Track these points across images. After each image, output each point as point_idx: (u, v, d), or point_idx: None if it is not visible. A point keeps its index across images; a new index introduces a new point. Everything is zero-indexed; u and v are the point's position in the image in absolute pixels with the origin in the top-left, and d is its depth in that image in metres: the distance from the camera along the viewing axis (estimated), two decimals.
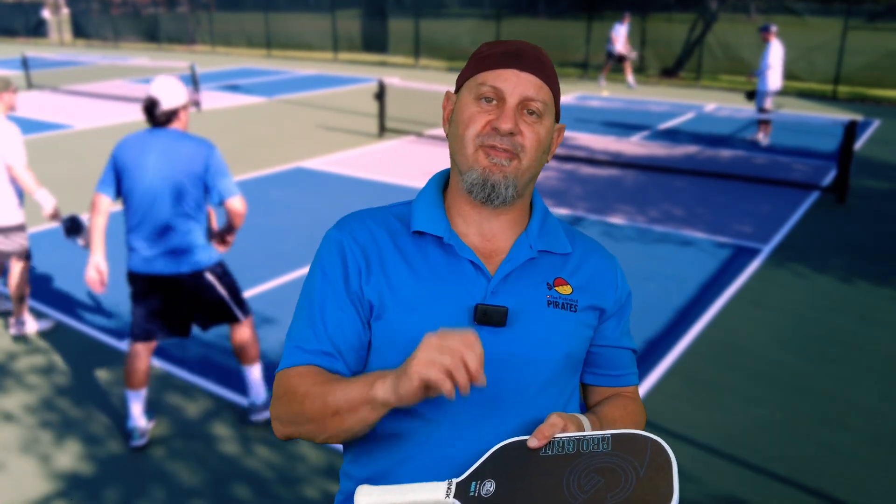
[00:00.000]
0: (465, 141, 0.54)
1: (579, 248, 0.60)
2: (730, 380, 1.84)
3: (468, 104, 0.54)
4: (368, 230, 0.56)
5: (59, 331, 2.09)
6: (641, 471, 0.44)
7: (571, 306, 0.56)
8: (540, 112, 0.54)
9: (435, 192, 0.58)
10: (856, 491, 1.42)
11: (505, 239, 0.57)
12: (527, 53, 0.54)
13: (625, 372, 0.62)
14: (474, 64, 0.55)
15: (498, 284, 0.54)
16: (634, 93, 7.06)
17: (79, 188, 3.67)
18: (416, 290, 0.54)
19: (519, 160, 0.54)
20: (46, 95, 6.92)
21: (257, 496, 1.41)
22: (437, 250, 0.55)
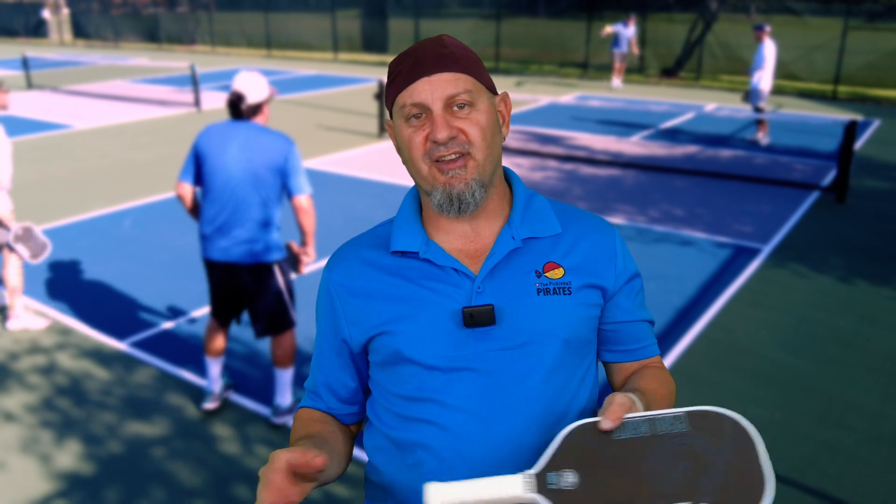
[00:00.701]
0: (416, 164, 0.54)
1: (573, 226, 0.58)
2: (730, 380, 1.84)
3: (402, 128, 0.54)
4: (352, 266, 0.58)
5: (60, 330, 2.09)
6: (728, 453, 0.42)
7: (565, 289, 0.55)
8: (469, 102, 0.53)
9: (411, 206, 0.59)
10: (856, 491, 1.42)
11: (489, 235, 0.56)
12: (429, 56, 0.53)
13: (644, 344, 0.60)
14: (390, 88, 0.55)
15: (482, 283, 0.54)
16: (634, 93, 7.05)
17: (79, 188, 3.67)
18: (402, 304, 0.55)
19: (472, 157, 0.53)
20: (46, 95, 6.91)
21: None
22: (419, 265, 0.56)
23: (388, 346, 0.55)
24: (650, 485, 0.42)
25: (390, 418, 0.56)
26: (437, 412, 0.54)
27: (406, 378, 0.55)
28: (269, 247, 1.50)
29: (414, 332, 0.54)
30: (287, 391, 1.60)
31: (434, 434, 0.54)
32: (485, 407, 0.53)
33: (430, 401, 0.54)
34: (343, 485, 1.45)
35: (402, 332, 0.54)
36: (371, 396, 0.60)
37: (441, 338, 0.53)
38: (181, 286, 2.41)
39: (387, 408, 0.57)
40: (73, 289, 2.40)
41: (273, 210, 1.49)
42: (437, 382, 0.53)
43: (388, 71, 0.56)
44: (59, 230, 3.02)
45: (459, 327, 0.53)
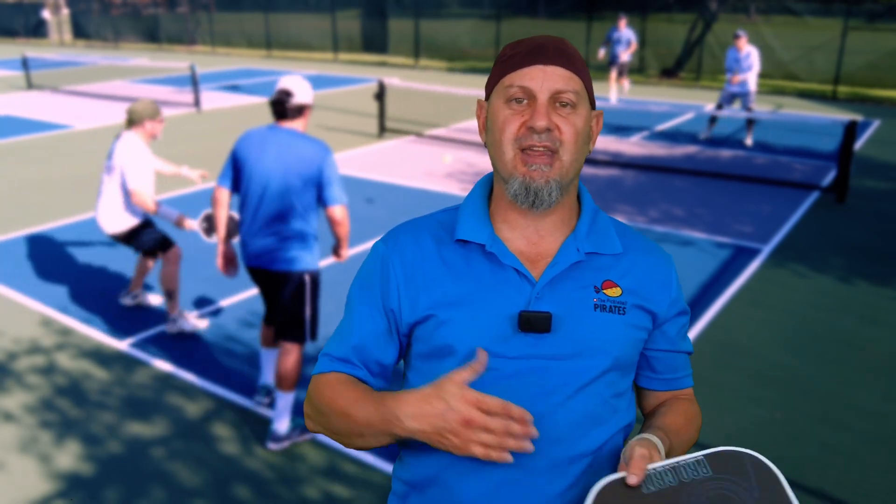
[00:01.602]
0: (502, 146, 0.53)
1: (632, 248, 0.58)
2: (730, 379, 1.84)
3: (499, 109, 0.53)
4: (413, 244, 0.56)
5: (60, 331, 2.09)
6: (755, 492, 0.43)
7: (620, 309, 0.55)
8: (573, 102, 0.53)
9: (480, 197, 0.58)
10: (856, 491, 1.42)
11: (552, 241, 0.56)
12: (549, 47, 0.53)
13: (679, 375, 0.61)
14: (499, 68, 0.54)
15: (542, 289, 0.54)
16: (634, 93, 7.05)
17: (79, 188, 3.66)
18: (459, 298, 0.54)
19: (559, 158, 0.53)
20: (46, 96, 6.91)
21: (257, 496, 1.41)
22: (481, 258, 0.55)
23: (437, 335, 0.54)
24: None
25: None
26: None
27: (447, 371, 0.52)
28: (300, 257, 1.48)
29: (468, 327, 0.53)
30: (285, 417, 1.51)
31: None
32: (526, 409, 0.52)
33: None
34: (343, 484, 1.44)
35: (456, 323, 0.53)
36: (407, 385, 0.59)
37: (494, 337, 0.53)
38: (182, 286, 2.39)
39: None
40: (74, 289, 2.40)
41: (306, 218, 1.47)
42: (483, 381, 0.53)
43: (499, 55, 0.55)
44: (60, 230, 3.02)
45: (514, 330, 0.53)
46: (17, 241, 2.88)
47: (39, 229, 3.02)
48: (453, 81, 7.74)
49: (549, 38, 0.54)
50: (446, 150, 4.49)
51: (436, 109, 5.92)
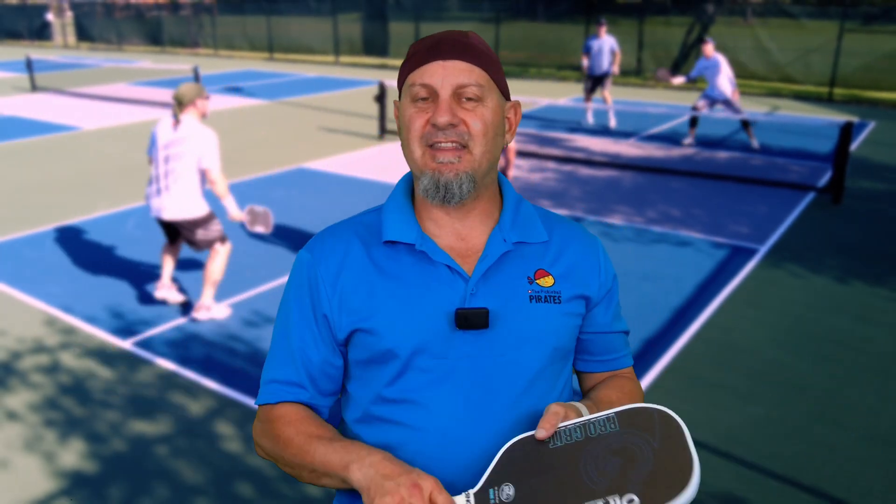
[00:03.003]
0: (410, 145, 0.52)
1: (557, 234, 0.57)
2: (726, 378, 1.85)
3: (406, 108, 0.53)
4: (338, 248, 0.55)
5: (64, 330, 2.11)
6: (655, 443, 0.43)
7: (555, 298, 0.54)
8: (478, 96, 0.51)
9: (403, 196, 0.57)
10: (852, 489, 1.43)
11: (479, 235, 0.55)
12: (449, 42, 0.52)
13: (617, 355, 0.61)
14: (404, 67, 0.54)
15: (476, 285, 0.53)
16: (632, 95, 7.08)
17: (83, 189, 3.68)
18: (393, 301, 0.53)
19: (469, 151, 0.51)
20: (51, 97, 6.93)
21: (260, 494, 1.42)
22: (411, 257, 0.54)
23: (374, 343, 0.53)
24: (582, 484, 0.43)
25: (366, 420, 0.54)
26: (417, 415, 0.52)
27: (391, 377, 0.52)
28: None
29: (404, 330, 0.52)
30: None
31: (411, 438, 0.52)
32: (467, 411, 0.52)
33: (412, 402, 0.52)
34: None
35: (392, 329, 0.52)
36: (346, 396, 0.57)
37: (432, 338, 0.52)
38: (184, 286, 2.43)
39: (363, 408, 0.54)
40: (77, 288, 2.41)
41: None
42: (423, 384, 0.52)
43: (407, 52, 0.55)
44: (63, 230, 3.03)
45: (451, 328, 0.52)
46: (22, 240, 2.90)
47: (44, 229, 3.03)
48: None
49: (449, 33, 0.53)
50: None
51: None
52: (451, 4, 11.02)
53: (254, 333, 2.10)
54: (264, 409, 0.56)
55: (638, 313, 2.20)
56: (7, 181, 3.87)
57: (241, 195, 3.57)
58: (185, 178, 1.96)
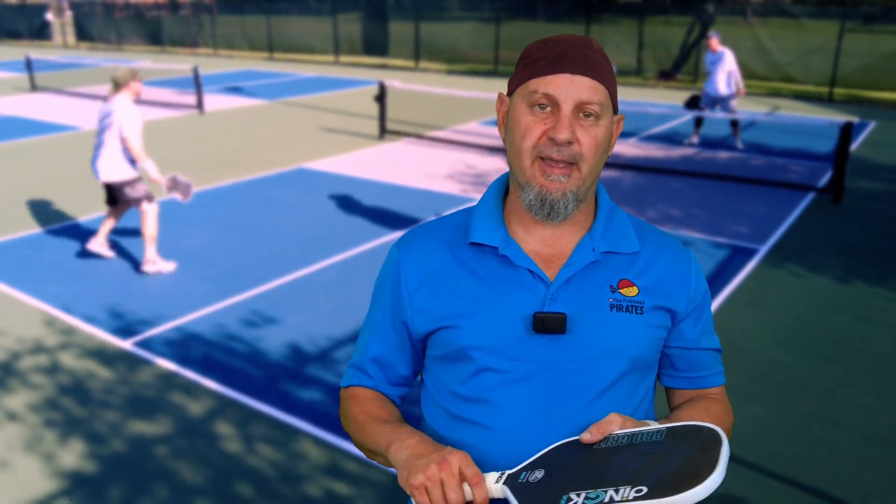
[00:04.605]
0: (521, 153, 0.52)
1: (649, 245, 0.57)
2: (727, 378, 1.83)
3: (522, 112, 0.52)
4: (427, 248, 0.57)
5: (63, 330, 2.11)
6: (689, 451, 0.44)
7: (637, 308, 0.54)
8: (597, 113, 0.52)
9: (494, 199, 0.57)
10: (852, 489, 1.43)
11: (568, 242, 0.55)
12: (576, 54, 0.51)
13: (706, 373, 0.59)
14: (524, 69, 0.53)
15: (557, 290, 0.53)
16: (632, 95, 7.09)
17: (84, 189, 3.67)
18: (473, 302, 0.54)
19: (578, 170, 0.52)
20: (51, 97, 6.93)
21: (260, 494, 1.42)
22: (495, 261, 0.55)
23: (452, 341, 0.54)
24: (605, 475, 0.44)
25: (442, 416, 0.56)
26: (490, 414, 0.53)
27: (466, 376, 0.53)
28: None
29: (481, 331, 0.53)
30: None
31: (483, 437, 0.53)
32: (540, 415, 0.52)
33: (486, 402, 0.53)
34: (344, 482, 1.46)
35: (470, 329, 0.53)
36: (425, 390, 0.59)
37: (508, 340, 0.52)
38: (185, 286, 2.43)
39: (440, 404, 0.56)
40: (77, 288, 2.41)
41: None
42: (497, 384, 0.53)
43: (524, 53, 0.54)
44: (63, 230, 3.03)
45: (528, 332, 0.52)
46: (22, 241, 2.90)
47: (44, 229, 3.03)
48: (453, 83, 7.74)
49: (577, 44, 0.52)
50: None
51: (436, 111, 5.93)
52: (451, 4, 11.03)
53: (253, 333, 2.10)
54: (344, 389, 0.61)
55: None
56: (7, 181, 3.87)
57: (241, 195, 3.56)
58: (111, 145, 2.35)
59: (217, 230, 3.01)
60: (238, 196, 3.51)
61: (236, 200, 3.48)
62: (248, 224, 3.11)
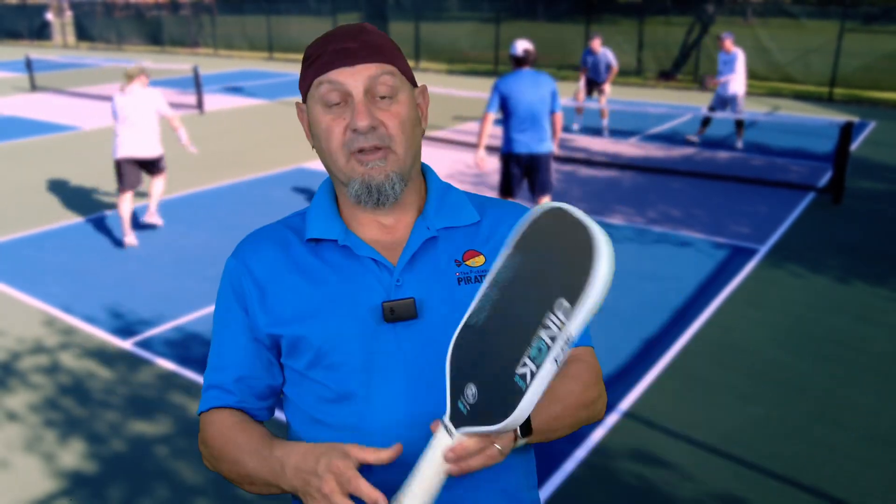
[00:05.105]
0: (333, 154, 0.51)
1: (491, 213, 0.55)
2: (726, 378, 1.85)
3: (319, 114, 0.51)
4: (261, 252, 0.54)
5: (63, 330, 2.11)
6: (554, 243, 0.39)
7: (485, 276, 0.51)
8: (391, 93, 0.50)
9: (327, 197, 0.55)
10: (852, 489, 1.43)
11: (405, 226, 0.54)
12: (351, 43, 0.50)
13: None
14: (307, 72, 0.51)
15: (401, 275, 0.51)
16: (632, 95, 7.07)
17: (84, 189, 3.68)
18: (316, 297, 0.51)
19: (393, 151, 0.50)
20: (51, 97, 6.93)
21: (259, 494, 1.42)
22: (336, 254, 0.52)
23: (304, 344, 0.51)
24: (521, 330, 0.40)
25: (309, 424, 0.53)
26: (358, 414, 0.50)
27: (326, 378, 0.51)
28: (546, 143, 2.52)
29: (332, 329, 0.50)
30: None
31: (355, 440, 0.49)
32: (408, 405, 0.50)
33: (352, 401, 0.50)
34: None
35: (320, 329, 0.50)
36: (287, 400, 0.55)
37: (361, 333, 0.50)
38: (185, 286, 2.43)
39: (305, 412, 0.53)
40: (77, 288, 2.41)
41: (548, 121, 2.50)
42: (360, 382, 0.50)
43: (304, 55, 0.52)
44: (64, 230, 3.03)
45: (379, 322, 0.50)
46: (22, 241, 2.90)
47: (44, 229, 3.03)
48: (453, 83, 7.73)
49: (350, 32, 0.51)
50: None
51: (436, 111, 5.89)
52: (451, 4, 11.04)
53: None
54: (201, 419, 0.55)
55: (638, 313, 2.19)
56: (7, 181, 3.88)
57: (240, 195, 3.56)
58: (149, 127, 2.77)
59: (217, 230, 3.02)
60: (238, 196, 3.51)
61: (236, 200, 3.48)
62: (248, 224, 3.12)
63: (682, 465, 1.50)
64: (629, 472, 1.48)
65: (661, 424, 1.64)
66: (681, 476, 1.46)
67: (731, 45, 4.38)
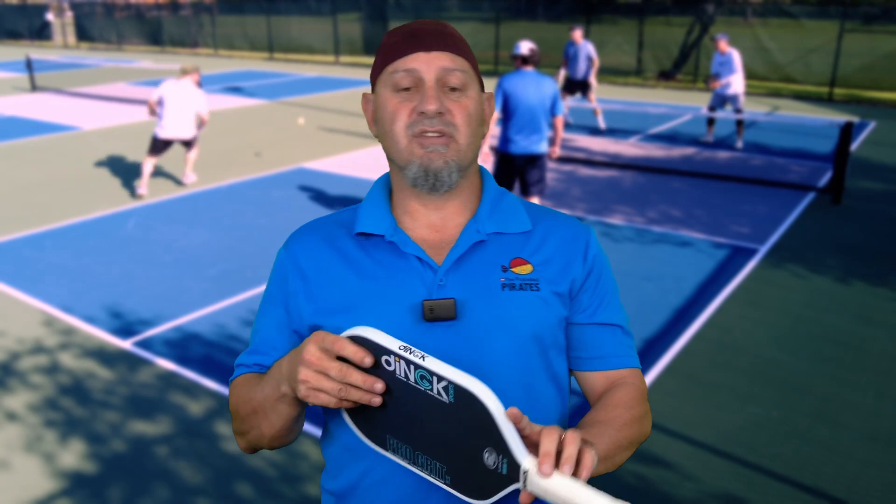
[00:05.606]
0: (395, 136, 0.51)
1: (543, 223, 0.55)
2: (726, 378, 1.85)
3: (388, 98, 0.51)
4: (311, 245, 0.55)
5: (63, 330, 2.11)
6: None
7: (532, 286, 0.52)
8: (461, 85, 0.51)
9: (380, 192, 0.56)
10: (852, 489, 1.44)
11: (455, 227, 0.54)
12: (428, 32, 0.51)
13: (605, 353, 0.54)
14: (381, 57, 0.52)
15: (445, 275, 0.51)
16: (632, 95, 7.09)
17: (84, 189, 3.67)
18: (358, 291, 0.52)
19: (455, 140, 0.51)
20: (51, 97, 6.93)
21: (260, 494, 1.42)
22: (382, 250, 0.53)
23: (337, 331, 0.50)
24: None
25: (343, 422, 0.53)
26: None
27: None
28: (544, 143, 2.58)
29: (368, 324, 0.50)
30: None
31: None
32: None
33: None
34: None
35: (356, 323, 0.50)
36: None
37: (399, 330, 0.50)
38: (184, 286, 2.43)
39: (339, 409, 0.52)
40: (77, 288, 2.41)
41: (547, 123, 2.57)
42: None
43: (380, 44, 0.54)
44: (64, 230, 3.03)
45: (418, 321, 0.50)
46: (21, 240, 2.89)
47: (43, 229, 3.03)
48: None
49: (427, 23, 0.52)
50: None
51: None
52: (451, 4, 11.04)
53: None
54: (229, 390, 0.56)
55: (638, 313, 2.20)
56: (7, 181, 3.87)
57: (240, 195, 3.55)
58: (188, 111, 3.53)
59: (217, 230, 3.01)
60: (238, 196, 3.50)
61: (236, 200, 3.47)
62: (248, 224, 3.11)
63: (682, 464, 1.50)
64: (629, 472, 1.47)
65: (660, 424, 1.64)
66: (681, 476, 1.46)
67: (725, 46, 4.37)
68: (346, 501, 0.55)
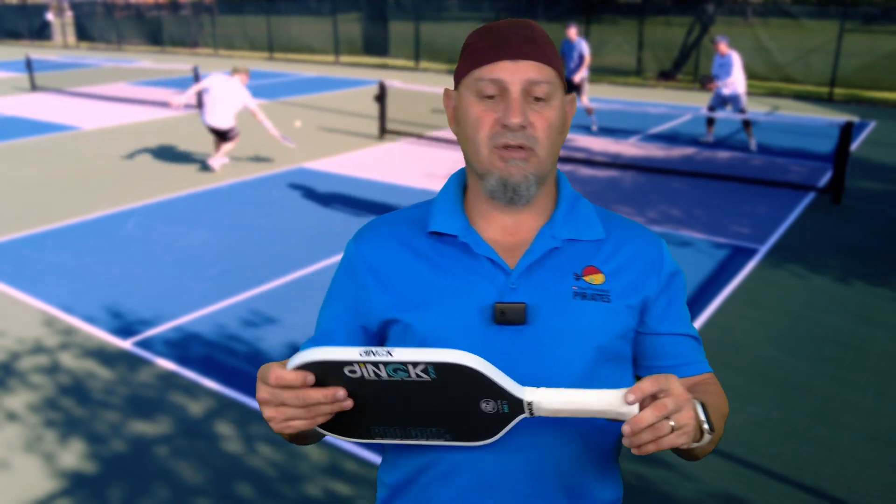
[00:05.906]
0: (477, 144, 0.51)
1: (616, 232, 0.55)
2: (726, 378, 1.85)
3: (471, 104, 0.51)
4: (382, 240, 0.55)
5: (63, 330, 2.11)
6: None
7: (603, 296, 0.51)
8: (546, 96, 0.50)
9: (454, 190, 0.56)
10: (852, 489, 1.44)
11: (528, 231, 0.54)
12: (517, 38, 0.50)
13: (684, 361, 0.54)
14: (467, 60, 0.52)
15: (517, 279, 0.51)
16: (632, 95, 7.09)
17: (83, 189, 3.67)
18: (429, 290, 0.52)
19: (535, 153, 0.51)
20: (51, 97, 6.94)
21: (260, 494, 1.42)
22: (455, 250, 0.53)
23: (409, 333, 0.52)
24: None
25: None
26: None
27: None
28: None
29: (440, 322, 0.50)
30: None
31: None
32: None
33: None
34: (344, 482, 1.46)
35: (428, 320, 0.51)
36: None
37: (466, 333, 0.50)
38: (184, 286, 2.43)
39: None
40: (77, 288, 2.41)
41: None
42: None
43: (465, 42, 0.52)
44: (64, 230, 3.03)
45: (488, 323, 0.50)
46: (21, 240, 2.90)
47: (43, 229, 3.03)
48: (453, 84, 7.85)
49: (516, 27, 0.51)
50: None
51: (436, 111, 5.93)
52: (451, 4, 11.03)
53: (254, 333, 2.09)
54: None
55: None
56: (7, 181, 3.87)
57: (240, 195, 3.56)
58: (229, 105, 3.83)
59: (217, 230, 3.02)
60: (238, 196, 3.50)
61: (236, 200, 3.47)
62: (248, 224, 3.11)
63: (682, 464, 1.50)
64: (629, 472, 1.47)
65: None
66: (681, 476, 1.46)
67: (725, 48, 4.37)
68: (404, 494, 0.55)
